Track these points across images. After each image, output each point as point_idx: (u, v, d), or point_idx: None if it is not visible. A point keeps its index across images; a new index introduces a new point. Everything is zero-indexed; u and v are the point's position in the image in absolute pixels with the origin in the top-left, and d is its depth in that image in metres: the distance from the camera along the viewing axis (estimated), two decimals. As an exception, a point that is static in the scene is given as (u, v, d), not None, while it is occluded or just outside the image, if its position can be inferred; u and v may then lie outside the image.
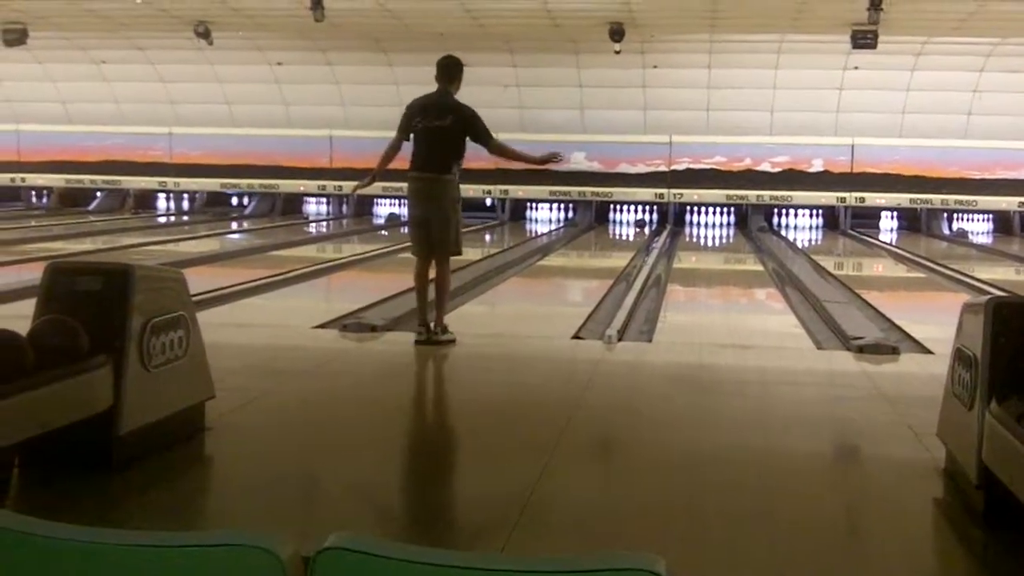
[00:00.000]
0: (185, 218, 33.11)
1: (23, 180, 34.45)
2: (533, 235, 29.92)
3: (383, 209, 33.68)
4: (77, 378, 5.58)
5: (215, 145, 33.11)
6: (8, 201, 34.59)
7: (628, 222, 32.54)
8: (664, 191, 31.56)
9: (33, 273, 8.41)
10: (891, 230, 31.73)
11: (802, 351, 11.57)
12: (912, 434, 7.14)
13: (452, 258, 10.72)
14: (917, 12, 22.86)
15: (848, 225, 31.09)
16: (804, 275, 18.81)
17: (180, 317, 6.53)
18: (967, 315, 5.97)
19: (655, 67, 29.96)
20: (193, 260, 18.63)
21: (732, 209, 32.17)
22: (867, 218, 31.57)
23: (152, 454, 6.11)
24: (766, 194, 31.30)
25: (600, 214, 32.52)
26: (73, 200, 34.68)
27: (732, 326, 14.04)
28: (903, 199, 30.93)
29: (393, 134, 10.72)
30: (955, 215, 31.70)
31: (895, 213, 31.99)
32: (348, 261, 20.52)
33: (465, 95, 10.39)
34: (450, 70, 10.76)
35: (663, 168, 31.47)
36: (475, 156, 10.75)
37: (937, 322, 12.53)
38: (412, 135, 10.53)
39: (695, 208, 32.37)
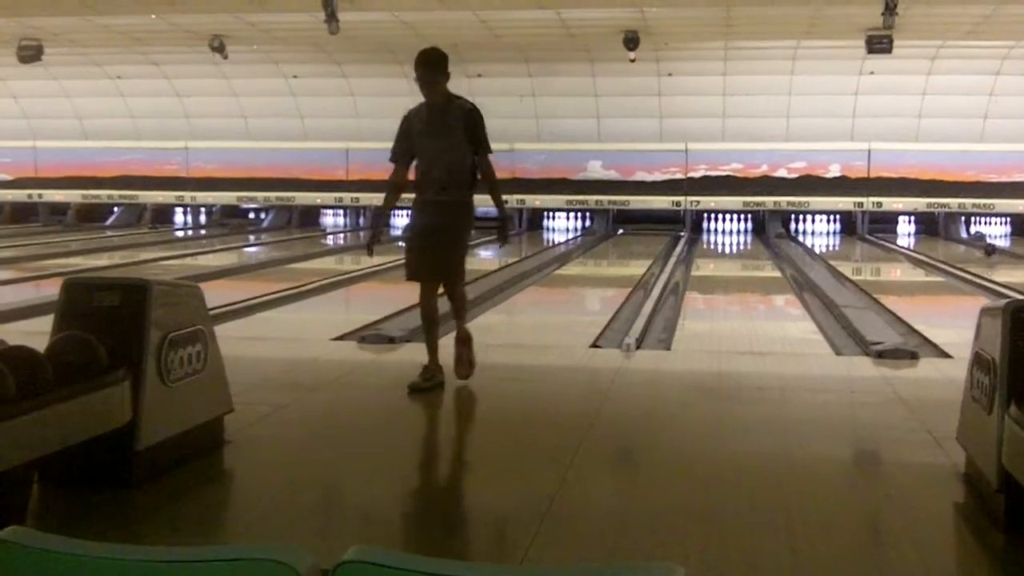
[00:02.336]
0: (203, 232, 33.18)
1: (40, 196, 34.55)
2: (550, 244, 29.90)
3: (400, 220, 33.71)
4: (95, 393, 5.58)
5: (231, 159, 33.19)
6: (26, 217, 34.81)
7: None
8: (681, 199, 31.56)
9: (51, 289, 8.42)
10: (908, 234, 31.70)
11: (821, 357, 11.55)
12: (931, 439, 7.13)
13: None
14: (932, 16, 22.85)
15: (866, 230, 31.05)
16: (822, 281, 18.79)
17: (198, 331, 6.54)
18: (985, 319, 5.96)
19: (670, 75, 29.99)
20: (211, 274, 18.65)
21: (749, 216, 32.18)
22: (884, 223, 31.54)
23: (171, 469, 6.12)
24: (783, 200, 31.29)
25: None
26: (90, 215, 34.79)
27: (751, 333, 14.01)
28: (920, 203, 30.91)
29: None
30: (973, 219, 31.65)
31: (912, 217, 31.96)
32: (366, 273, 20.50)
33: (481, 105, 10.13)
34: None
35: (679, 176, 31.48)
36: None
37: (956, 326, 12.52)
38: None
39: (712, 215, 32.38)
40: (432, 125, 8.92)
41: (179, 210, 35.29)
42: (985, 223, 31.55)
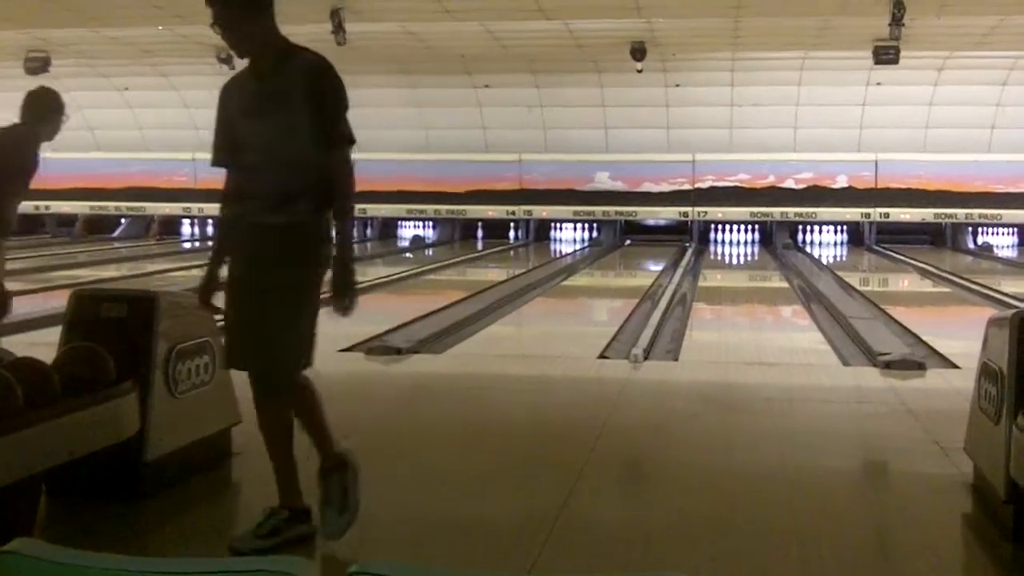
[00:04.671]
0: (210, 243, 33.18)
1: (47, 208, 34.50)
2: (557, 255, 29.91)
3: (407, 231, 33.72)
4: (103, 405, 5.58)
5: (239, 170, 33.19)
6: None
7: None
8: (688, 209, 31.55)
9: (58, 301, 8.43)
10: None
11: (828, 368, 11.54)
12: (939, 449, 7.12)
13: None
14: (939, 27, 22.82)
15: (873, 241, 31.02)
16: (830, 291, 18.78)
17: (205, 343, 6.55)
18: (993, 329, 5.96)
19: (677, 86, 29.98)
20: (218, 286, 18.63)
21: (757, 226, 32.15)
22: (893, 233, 31.48)
23: (179, 480, 6.12)
24: (790, 211, 31.25)
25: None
26: (97, 227, 34.78)
27: (758, 344, 14.01)
28: (928, 214, 30.86)
29: (415, 156, 9.08)
30: (980, 229, 31.62)
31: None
32: (372, 284, 20.52)
33: (488, 116, 9.95)
34: None
35: (687, 186, 31.46)
36: (498, 177, 10.41)
37: (963, 337, 12.49)
38: None
39: (720, 226, 32.36)
40: (255, 97, 5.44)
41: (186, 222, 35.23)
42: (993, 233, 31.55)
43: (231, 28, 5.28)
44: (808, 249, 30.77)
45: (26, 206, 30.20)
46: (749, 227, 32.24)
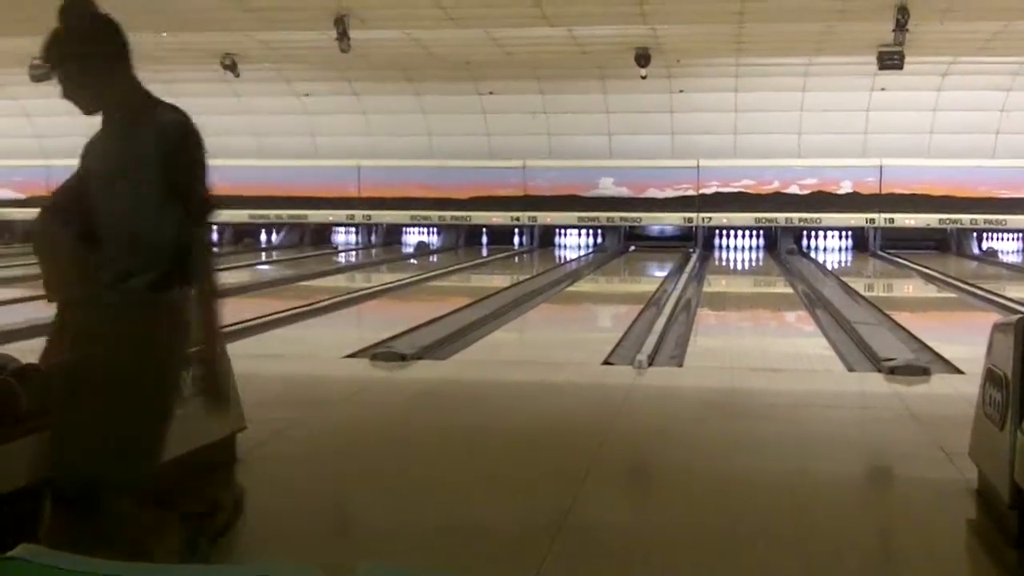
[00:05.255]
0: (215, 250, 33.15)
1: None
2: (562, 261, 29.91)
3: (412, 238, 33.74)
4: (108, 412, 5.57)
5: (243, 177, 33.05)
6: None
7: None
8: (693, 215, 31.54)
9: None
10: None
11: (833, 374, 11.53)
12: (944, 455, 7.11)
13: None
14: (943, 32, 22.81)
15: (878, 246, 31.00)
16: (834, 297, 18.75)
17: (210, 349, 6.53)
18: (997, 335, 5.95)
19: (681, 91, 29.97)
20: (222, 291, 18.64)
21: (761, 232, 32.14)
22: (898, 238, 31.46)
23: (183, 487, 6.11)
24: (795, 216, 31.25)
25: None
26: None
27: (763, 350, 13.99)
28: (932, 219, 30.84)
29: (419, 162, 8.07)
30: (984, 234, 31.60)
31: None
32: (377, 290, 20.51)
33: (493, 122, 9.77)
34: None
35: (691, 192, 31.46)
36: (502, 184, 10.32)
37: (968, 342, 12.48)
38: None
39: (724, 231, 32.36)
40: (104, 159, 4.70)
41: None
42: (997, 239, 31.54)
43: (75, 82, 4.70)
44: (813, 254, 30.79)
45: (30, 213, 30.41)
46: (754, 233, 32.26)
